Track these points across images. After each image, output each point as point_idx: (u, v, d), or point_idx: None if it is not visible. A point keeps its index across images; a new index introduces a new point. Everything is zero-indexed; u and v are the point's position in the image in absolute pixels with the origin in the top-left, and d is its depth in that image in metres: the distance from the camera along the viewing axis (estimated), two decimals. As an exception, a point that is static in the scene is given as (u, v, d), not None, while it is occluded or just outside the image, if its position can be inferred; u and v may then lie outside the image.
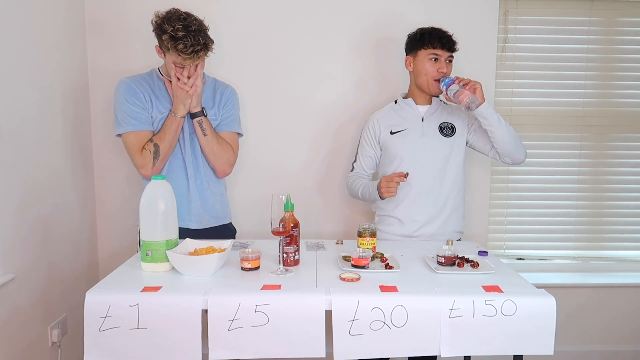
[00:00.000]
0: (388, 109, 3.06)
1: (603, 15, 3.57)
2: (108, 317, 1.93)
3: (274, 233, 2.24)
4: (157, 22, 2.61)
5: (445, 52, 2.86)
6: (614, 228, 3.80)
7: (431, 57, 2.87)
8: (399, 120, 2.98)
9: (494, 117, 2.76)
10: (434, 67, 2.87)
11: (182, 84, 2.66)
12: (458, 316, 1.94)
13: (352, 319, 1.93)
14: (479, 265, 2.33)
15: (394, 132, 2.95)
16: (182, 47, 2.55)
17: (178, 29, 2.53)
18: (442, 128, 2.94)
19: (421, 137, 2.92)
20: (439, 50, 2.85)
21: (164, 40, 2.56)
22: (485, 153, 2.97)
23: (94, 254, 3.46)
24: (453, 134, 2.94)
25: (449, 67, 2.90)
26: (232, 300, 1.93)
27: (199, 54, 2.60)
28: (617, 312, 3.74)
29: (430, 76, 2.88)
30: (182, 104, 2.69)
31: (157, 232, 2.26)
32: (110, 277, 2.20)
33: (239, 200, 3.46)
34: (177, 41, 2.54)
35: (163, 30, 2.56)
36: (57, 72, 2.96)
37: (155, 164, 2.71)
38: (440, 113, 2.99)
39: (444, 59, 2.87)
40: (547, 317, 1.95)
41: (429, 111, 2.97)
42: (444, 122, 2.96)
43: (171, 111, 2.72)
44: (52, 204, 2.92)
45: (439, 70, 2.86)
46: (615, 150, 3.71)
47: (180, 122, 2.72)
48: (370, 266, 2.31)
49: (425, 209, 2.91)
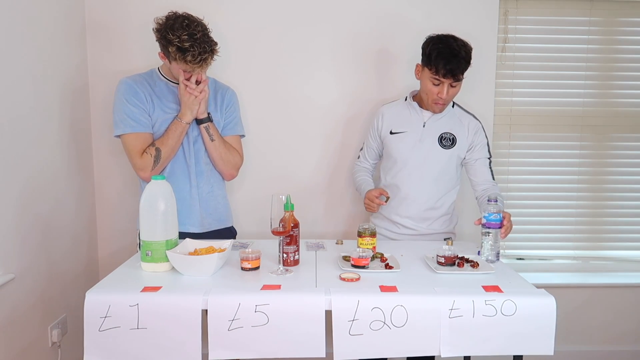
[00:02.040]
0: (396, 105, 3.03)
1: (603, 15, 3.57)
2: (108, 317, 1.93)
3: (274, 233, 2.25)
4: (159, 30, 2.59)
5: (450, 79, 2.72)
6: (614, 228, 3.80)
7: (433, 80, 2.75)
8: (401, 121, 2.95)
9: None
10: (435, 90, 2.76)
11: (191, 90, 2.66)
12: (458, 316, 1.95)
13: (352, 319, 1.93)
14: (478, 265, 2.33)
15: (394, 132, 2.94)
16: (191, 58, 2.55)
17: (184, 40, 2.52)
18: (442, 139, 2.88)
19: (418, 142, 2.89)
20: (442, 78, 2.71)
21: (171, 52, 2.55)
22: (470, 179, 2.97)
23: (93, 253, 3.46)
24: (453, 145, 2.88)
25: (453, 91, 2.78)
26: (232, 300, 1.94)
27: (207, 61, 2.61)
28: (617, 312, 3.74)
29: (430, 98, 2.81)
30: (189, 109, 2.69)
31: (157, 232, 2.26)
32: (110, 277, 2.21)
33: (239, 200, 3.46)
34: (185, 53, 2.53)
35: (168, 41, 2.54)
36: (56, 71, 2.96)
37: (155, 168, 2.70)
38: (444, 121, 2.91)
39: (447, 85, 2.73)
40: (547, 317, 1.96)
41: (433, 118, 2.89)
42: (445, 132, 2.89)
43: (177, 116, 2.71)
44: (52, 204, 2.92)
45: (438, 94, 2.76)
46: (615, 150, 3.71)
47: (185, 127, 2.71)
48: (370, 266, 2.32)
49: (415, 210, 2.92)
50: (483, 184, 2.90)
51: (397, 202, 2.92)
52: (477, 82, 3.42)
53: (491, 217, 2.46)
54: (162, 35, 2.57)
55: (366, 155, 3.12)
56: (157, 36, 2.61)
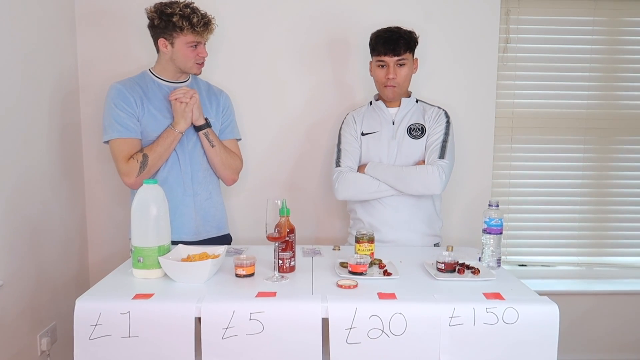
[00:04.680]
0: (362, 110, 3.07)
1: (608, 15, 3.57)
2: (99, 325, 1.93)
3: (269, 239, 2.24)
4: (155, 12, 2.70)
5: (392, 57, 2.81)
6: (619, 234, 3.80)
7: (378, 64, 2.86)
8: (371, 123, 2.99)
9: None
10: (382, 73, 2.86)
11: (180, 97, 2.70)
12: (458, 324, 1.95)
13: (349, 327, 1.93)
14: (479, 272, 2.33)
15: (366, 133, 2.97)
16: (197, 21, 2.68)
17: (183, 8, 2.68)
18: (411, 130, 2.92)
19: (392, 140, 2.92)
20: (384, 57, 2.81)
21: (176, 22, 2.66)
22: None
23: (84, 260, 3.46)
24: (422, 135, 2.91)
25: (402, 71, 2.85)
26: (226, 307, 1.93)
27: (209, 25, 2.75)
28: (622, 320, 3.74)
29: (380, 83, 2.88)
30: (182, 118, 2.71)
31: (149, 238, 2.26)
32: (100, 284, 2.20)
33: (234, 205, 3.46)
34: (189, 17, 2.66)
35: (169, 15, 2.66)
36: (46, 74, 2.97)
37: (141, 175, 2.70)
38: (411, 114, 2.97)
39: (393, 65, 2.82)
40: (550, 325, 1.96)
41: (400, 113, 2.96)
42: (413, 123, 2.94)
43: (171, 124, 2.72)
44: (41, 209, 2.92)
45: (386, 76, 2.83)
46: (620, 153, 3.71)
47: (177, 136, 2.72)
48: (368, 273, 2.31)
49: (398, 213, 2.91)
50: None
51: (381, 207, 2.92)
52: (478, 84, 3.43)
53: (492, 222, 2.46)
54: (160, 13, 2.69)
55: (351, 159, 2.94)
56: (155, 18, 2.71)
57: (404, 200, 2.88)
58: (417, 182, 2.79)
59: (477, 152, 3.51)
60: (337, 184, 2.89)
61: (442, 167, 2.78)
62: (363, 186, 2.87)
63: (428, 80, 3.41)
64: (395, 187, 2.83)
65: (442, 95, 3.40)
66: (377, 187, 2.85)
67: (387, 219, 2.91)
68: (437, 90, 3.42)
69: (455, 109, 3.34)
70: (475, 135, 3.49)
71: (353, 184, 2.88)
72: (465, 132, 3.43)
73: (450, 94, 3.44)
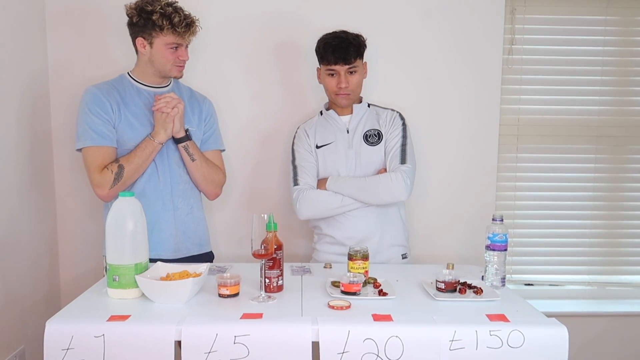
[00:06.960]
0: (313, 122, 3.10)
1: (621, 14, 3.59)
2: (71, 349, 1.92)
3: (255, 256, 2.25)
4: (135, 9, 2.69)
5: (342, 66, 2.86)
6: (633, 250, 3.81)
7: (328, 72, 2.91)
8: (324, 134, 3.03)
9: None
10: (333, 82, 2.91)
11: (162, 107, 2.69)
12: (459, 348, 1.95)
13: (341, 352, 1.93)
14: (482, 292, 2.33)
15: (320, 145, 3.01)
16: (178, 21, 2.67)
17: (164, 6, 2.66)
18: (367, 136, 2.97)
19: (348, 149, 2.97)
20: (334, 66, 2.87)
21: (156, 20, 2.65)
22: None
23: (55, 278, 3.45)
24: (380, 141, 2.96)
25: (353, 79, 2.91)
26: (208, 330, 1.94)
27: (192, 26, 2.74)
28: (637, 343, 3.75)
29: (332, 92, 2.94)
30: (162, 128, 2.70)
31: (126, 255, 2.26)
32: (73, 305, 2.20)
33: (217, 219, 3.46)
34: (170, 16, 2.65)
35: (149, 12, 2.65)
36: (13, 76, 2.97)
37: (115, 187, 2.67)
38: (365, 120, 3.02)
39: (344, 73, 2.87)
40: (558, 349, 1.97)
41: (354, 120, 3.01)
42: (369, 129, 2.99)
43: (150, 134, 2.72)
44: (8, 223, 2.91)
45: (338, 85, 2.88)
46: (634, 164, 3.72)
47: (156, 147, 2.72)
48: (362, 292, 2.32)
49: (360, 225, 2.94)
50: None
51: (343, 220, 2.95)
52: (481, 88, 3.45)
53: (496, 238, 2.47)
54: (140, 10, 2.68)
55: (307, 175, 2.96)
56: (134, 15, 2.70)
57: (368, 211, 2.93)
58: (382, 192, 2.85)
59: (480, 162, 3.52)
60: (297, 203, 2.91)
61: (406, 172, 2.85)
62: (326, 203, 2.91)
63: (427, 84, 3.43)
64: (359, 200, 2.88)
65: (442, 100, 3.42)
66: (340, 202, 2.89)
67: (353, 232, 2.94)
68: (437, 95, 3.44)
69: (457, 115, 3.37)
70: (477, 143, 3.50)
71: (315, 202, 2.91)
72: (467, 141, 3.45)
73: (451, 99, 3.46)
